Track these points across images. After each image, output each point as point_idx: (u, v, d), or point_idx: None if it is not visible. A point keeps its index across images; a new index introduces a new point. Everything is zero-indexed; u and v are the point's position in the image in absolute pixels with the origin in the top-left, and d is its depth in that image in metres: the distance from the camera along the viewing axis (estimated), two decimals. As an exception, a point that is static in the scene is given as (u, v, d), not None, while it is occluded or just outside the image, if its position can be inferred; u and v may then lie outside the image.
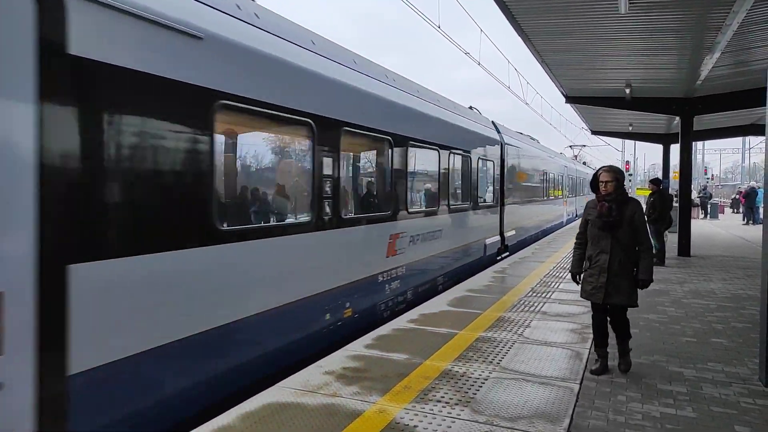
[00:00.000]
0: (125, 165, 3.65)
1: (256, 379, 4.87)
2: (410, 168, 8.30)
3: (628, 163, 57.76)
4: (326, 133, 5.92)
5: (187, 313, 4.14)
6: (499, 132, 14.03)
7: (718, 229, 22.70)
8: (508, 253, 14.16)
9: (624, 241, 4.97)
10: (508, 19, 8.62)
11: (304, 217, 5.83)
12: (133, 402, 3.72)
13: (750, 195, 25.37)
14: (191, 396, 4.21)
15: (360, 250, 6.92)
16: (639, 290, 5.13)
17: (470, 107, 12.75)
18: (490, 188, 13.32)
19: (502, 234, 13.71)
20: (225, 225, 4.64)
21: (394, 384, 4.62)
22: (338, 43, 6.98)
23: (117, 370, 3.56)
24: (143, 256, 3.76)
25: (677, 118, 14.83)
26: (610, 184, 5.03)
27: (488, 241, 12.56)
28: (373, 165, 8.21)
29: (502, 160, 13.86)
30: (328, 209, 6.05)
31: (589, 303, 5.42)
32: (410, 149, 8.25)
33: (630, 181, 58.24)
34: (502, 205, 13.98)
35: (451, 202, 10.13)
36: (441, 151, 9.51)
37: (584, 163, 47.11)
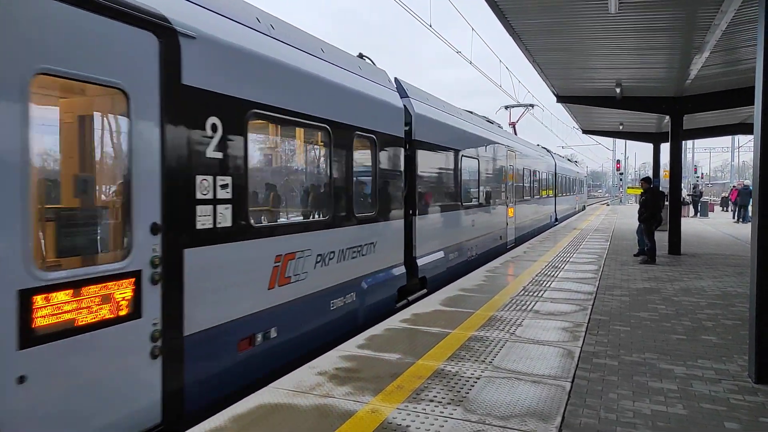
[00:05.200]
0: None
1: None
2: None
3: (619, 161, 58.14)
4: None
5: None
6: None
7: (708, 227, 22.90)
8: None
9: None
10: (498, 17, 8.65)
11: None
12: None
13: (742, 193, 25.54)
14: None
15: None
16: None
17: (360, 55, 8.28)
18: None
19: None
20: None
21: (386, 384, 4.61)
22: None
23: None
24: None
25: (667, 117, 14.94)
26: None
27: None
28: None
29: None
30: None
31: (580, 300, 5.31)
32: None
33: (621, 180, 58.59)
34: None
35: None
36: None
37: (576, 163, 46.61)
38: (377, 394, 4.40)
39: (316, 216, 6.61)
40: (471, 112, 13.60)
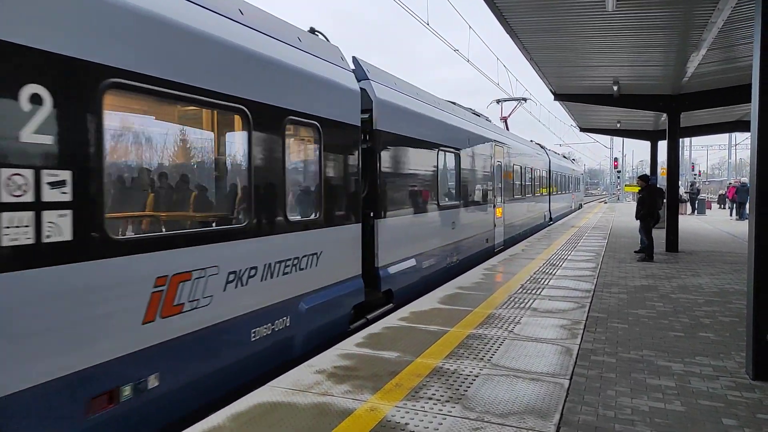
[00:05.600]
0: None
1: None
2: None
3: (616, 160, 58.21)
4: None
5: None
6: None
7: (706, 225, 22.94)
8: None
9: None
10: (496, 16, 8.65)
11: None
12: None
13: (741, 191, 25.57)
14: None
15: None
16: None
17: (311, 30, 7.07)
18: None
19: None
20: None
21: (385, 382, 4.62)
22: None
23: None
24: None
25: (664, 114, 14.97)
26: None
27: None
28: None
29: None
30: None
31: (578, 298, 5.32)
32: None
33: (618, 177, 58.71)
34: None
35: None
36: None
37: (573, 160, 46.61)
38: (376, 392, 4.40)
39: (228, 222, 5.14)
40: (454, 103, 12.57)
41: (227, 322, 4.79)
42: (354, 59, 7.95)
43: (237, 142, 5.26)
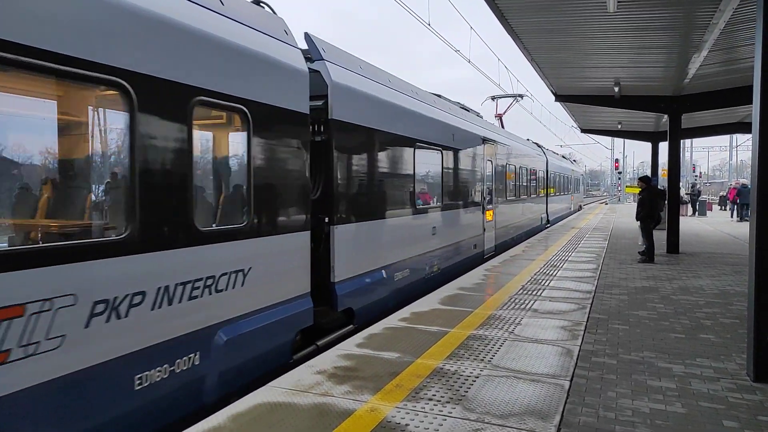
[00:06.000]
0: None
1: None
2: None
3: (617, 161, 58.23)
4: None
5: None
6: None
7: (707, 226, 22.92)
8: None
9: None
10: (497, 17, 8.65)
11: None
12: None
13: (743, 192, 25.56)
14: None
15: None
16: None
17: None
18: None
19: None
20: None
21: (385, 383, 4.61)
22: None
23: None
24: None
25: (666, 116, 14.96)
26: None
27: None
28: None
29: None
30: None
31: (579, 299, 5.32)
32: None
33: (619, 179, 58.72)
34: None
35: None
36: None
37: (574, 161, 46.63)
38: (376, 392, 4.39)
39: (96, 235, 3.97)
40: (439, 96, 11.59)
41: (92, 369, 3.56)
42: (306, 36, 6.84)
43: (114, 127, 4.04)
